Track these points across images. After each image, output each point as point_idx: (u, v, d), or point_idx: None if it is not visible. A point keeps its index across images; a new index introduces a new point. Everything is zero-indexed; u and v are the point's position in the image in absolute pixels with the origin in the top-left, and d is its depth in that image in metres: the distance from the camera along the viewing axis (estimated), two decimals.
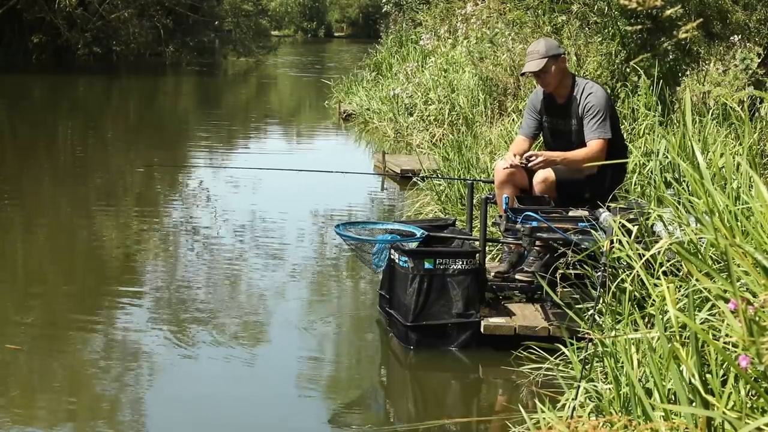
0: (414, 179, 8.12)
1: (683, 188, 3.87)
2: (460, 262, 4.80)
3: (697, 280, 2.87)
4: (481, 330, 4.79)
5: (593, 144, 5.04)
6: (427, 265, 4.79)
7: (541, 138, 5.45)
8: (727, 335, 2.69)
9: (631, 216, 4.22)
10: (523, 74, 5.49)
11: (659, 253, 3.40)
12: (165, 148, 12.68)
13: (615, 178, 5.17)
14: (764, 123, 6.40)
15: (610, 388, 3.24)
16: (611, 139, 5.09)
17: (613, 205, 4.70)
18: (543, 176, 5.01)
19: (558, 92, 5.20)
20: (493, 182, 5.37)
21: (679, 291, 3.32)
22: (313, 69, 29.95)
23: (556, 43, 5.32)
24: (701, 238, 3.31)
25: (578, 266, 4.43)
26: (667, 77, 7.36)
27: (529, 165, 5.01)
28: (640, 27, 7.57)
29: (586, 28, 8.38)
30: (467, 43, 11.76)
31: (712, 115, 6.51)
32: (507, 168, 5.09)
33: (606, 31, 7.99)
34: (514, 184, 5.14)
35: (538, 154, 5.02)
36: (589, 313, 3.85)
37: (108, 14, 25.64)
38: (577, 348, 3.78)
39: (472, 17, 12.24)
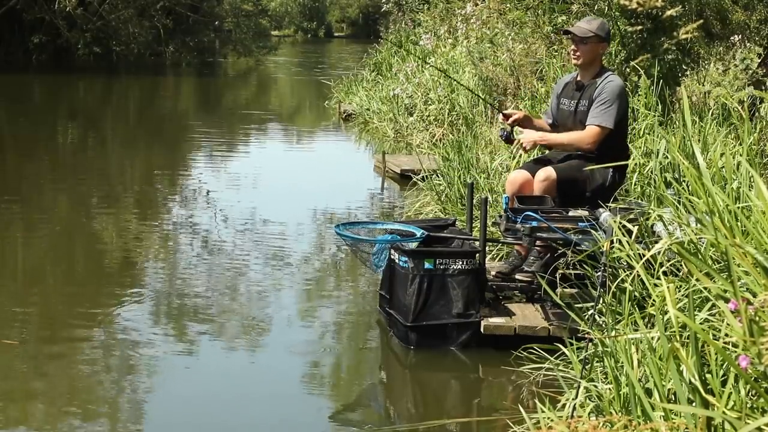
0: (414, 179, 8.12)
1: (683, 188, 3.87)
2: (460, 262, 4.80)
3: (697, 280, 2.87)
4: (481, 330, 4.79)
5: (589, 129, 5.06)
6: (427, 266, 4.78)
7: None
8: (727, 335, 2.69)
9: (632, 216, 4.22)
10: (564, 32, 5.52)
11: (659, 253, 3.40)
12: (165, 148, 12.69)
13: (616, 179, 5.16)
14: (764, 123, 6.40)
15: (610, 388, 3.23)
16: (612, 133, 5.06)
17: (613, 205, 4.70)
18: (544, 175, 5.01)
19: (583, 75, 5.25)
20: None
21: (679, 291, 3.32)
22: (313, 69, 29.94)
23: (609, 30, 5.37)
24: (701, 238, 3.31)
25: (578, 266, 4.43)
26: (667, 77, 7.35)
27: (516, 139, 5.21)
28: (640, 27, 7.57)
29: None
30: (467, 43, 11.76)
31: (712, 115, 6.52)
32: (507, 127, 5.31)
33: None
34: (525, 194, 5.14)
35: (523, 130, 5.23)
36: (589, 313, 3.85)
37: (108, 14, 25.62)
38: (577, 348, 3.78)
39: (472, 17, 12.24)
